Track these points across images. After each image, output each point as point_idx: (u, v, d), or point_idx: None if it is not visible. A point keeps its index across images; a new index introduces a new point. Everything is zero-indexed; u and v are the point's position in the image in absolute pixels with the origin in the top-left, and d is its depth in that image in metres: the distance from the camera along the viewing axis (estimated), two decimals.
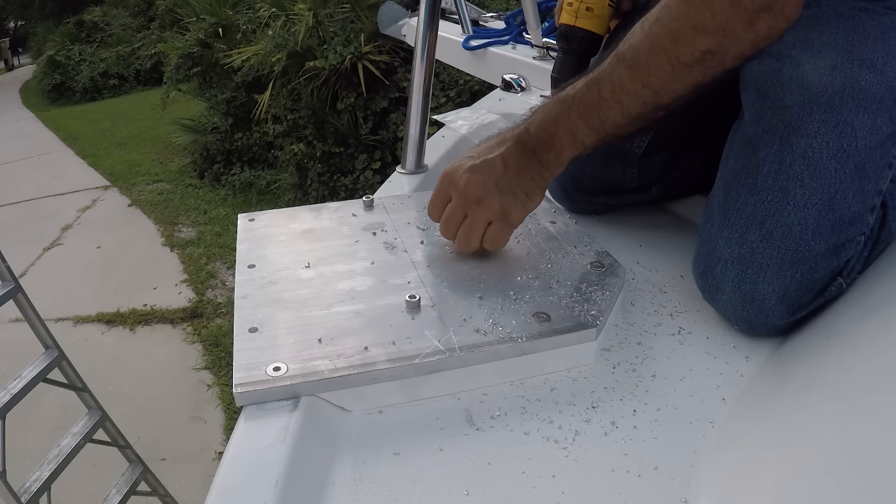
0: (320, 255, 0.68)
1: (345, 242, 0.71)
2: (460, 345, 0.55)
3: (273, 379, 0.51)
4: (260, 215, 0.77)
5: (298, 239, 0.72)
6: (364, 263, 0.67)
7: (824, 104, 0.57)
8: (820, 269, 0.58)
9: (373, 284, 0.63)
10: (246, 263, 0.67)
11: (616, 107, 0.61)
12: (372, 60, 4.12)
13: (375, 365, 0.53)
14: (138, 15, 10.80)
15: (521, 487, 0.47)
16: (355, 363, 0.53)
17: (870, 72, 0.57)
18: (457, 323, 0.57)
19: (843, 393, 0.48)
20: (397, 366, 0.53)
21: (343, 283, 0.63)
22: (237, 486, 0.45)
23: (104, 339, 3.37)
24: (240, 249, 0.70)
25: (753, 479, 0.45)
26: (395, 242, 0.71)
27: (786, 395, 0.52)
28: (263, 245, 0.70)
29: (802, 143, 0.57)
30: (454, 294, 0.61)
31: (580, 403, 0.55)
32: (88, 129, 7.78)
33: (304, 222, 0.75)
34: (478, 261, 0.67)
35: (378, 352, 0.54)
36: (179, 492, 2.19)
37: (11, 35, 16.91)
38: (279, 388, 0.51)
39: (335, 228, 0.74)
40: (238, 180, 5.33)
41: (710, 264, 0.62)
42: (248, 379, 0.51)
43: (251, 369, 0.52)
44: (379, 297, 0.61)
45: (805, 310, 0.60)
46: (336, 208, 0.79)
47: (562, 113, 0.63)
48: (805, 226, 0.57)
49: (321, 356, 0.53)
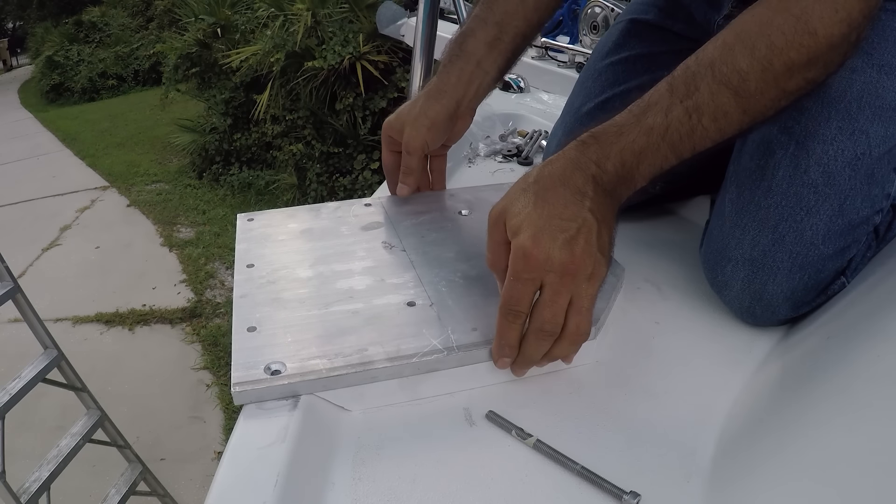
0: (319, 255, 0.68)
1: (343, 242, 0.71)
2: (458, 344, 0.55)
3: (271, 378, 0.51)
4: (259, 215, 0.77)
5: (297, 238, 0.72)
6: (363, 263, 0.67)
7: (842, 110, 0.57)
8: (826, 270, 0.59)
9: (371, 284, 0.63)
10: (245, 263, 0.67)
11: (714, 136, 0.54)
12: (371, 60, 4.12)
13: (374, 364, 0.53)
14: (137, 15, 10.78)
15: (521, 487, 0.47)
16: (353, 362, 0.53)
17: (888, 78, 0.58)
18: (455, 322, 0.57)
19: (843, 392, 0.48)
20: (395, 365, 0.53)
21: (341, 282, 0.63)
22: (237, 485, 0.45)
23: (103, 340, 3.36)
24: (238, 249, 0.70)
25: (753, 479, 0.45)
26: (393, 242, 0.71)
27: (786, 394, 0.52)
28: (262, 245, 0.70)
29: (819, 150, 0.58)
30: (452, 294, 0.61)
31: (579, 403, 0.55)
32: (87, 129, 7.77)
33: (302, 222, 0.75)
34: (478, 260, 0.67)
35: (376, 351, 0.54)
36: (179, 492, 2.19)
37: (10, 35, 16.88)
38: (277, 386, 0.51)
39: (334, 228, 0.74)
40: (237, 180, 5.32)
41: (721, 262, 0.63)
42: (246, 378, 0.51)
43: (249, 368, 0.52)
44: (377, 296, 0.61)
45: (808, 307, 0.61)
46: (335, 208, 0.79)
47: (649, 146, 0.53)
48: (816, 231, 0.58)
49: (319, 355, 0.53)
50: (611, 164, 0.53)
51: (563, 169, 0.52)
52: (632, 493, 0.45)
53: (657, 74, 0.82)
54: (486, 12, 0.75)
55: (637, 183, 0.54)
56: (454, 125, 0.75)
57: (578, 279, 0.51)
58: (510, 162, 1.10)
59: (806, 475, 0.43)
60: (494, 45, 0.74)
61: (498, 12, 0.75)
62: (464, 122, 0.76)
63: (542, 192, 0.51)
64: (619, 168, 0.53)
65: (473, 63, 0.74)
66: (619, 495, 0.45)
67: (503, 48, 0.74)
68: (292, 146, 4.54)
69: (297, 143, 4.55)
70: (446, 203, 0.79)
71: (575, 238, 0.50)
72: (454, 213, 0.76)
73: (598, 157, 0.53)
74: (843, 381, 0.48)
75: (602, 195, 0.52)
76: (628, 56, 0.85)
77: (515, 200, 0.52)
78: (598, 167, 0.52)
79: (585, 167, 0.52)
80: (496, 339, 0.53)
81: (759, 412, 0.52)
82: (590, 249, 0.50)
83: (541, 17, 0.76)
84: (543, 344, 0.53)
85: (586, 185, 0.52)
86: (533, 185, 0.52)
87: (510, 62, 0.76)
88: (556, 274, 0.50)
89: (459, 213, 0.76)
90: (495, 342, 0.53)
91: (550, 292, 0.51)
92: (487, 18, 0.75)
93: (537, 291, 0.51)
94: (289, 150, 4.56)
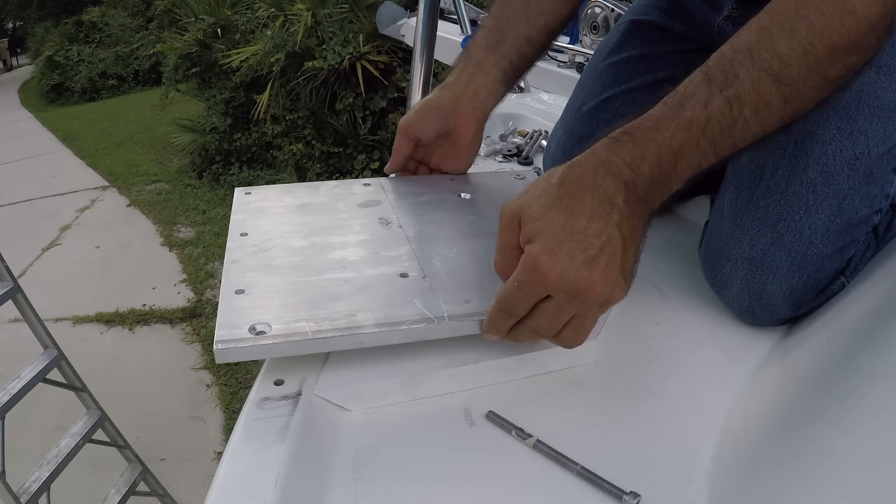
0: (314, 227, 0.67)
1: (340, 217, 0.70)
2: (449, 314, 0.54)
3: (255, 337, 0.51)
4: (257, 189, 0.76)
5: (294, 212, 0.71)
6: (357, 236, 0.66)
7: (841, 110, 0.57)
8: (825, 269, 0.59)
9: (365, 255, 0.62)
10: (238, 232, 0.66)
11: (755, 129, 0.49)
12: (371, 60, 4.12)
13: (361, 329, 0.52)
14: (137, 15, 10.78)
15: (521, 487, 0.47)
16: (340, 326, 0.52)
17: (886, 79, 0.58)
18: (448, 294, 0.56)
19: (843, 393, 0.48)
20: (383, 331, 0.52)
21: (335, 252, 0.62)
22: (237, 485, 0.45)
23: (103, 339, 3.36)
24: (234, 219, 0.69)
25: (753, 479, 0.45)
26: (390, 218, 0.70)
27: (786, 394, 0.52)
28: (258, 216, 0.69)
29: (817, 149, 0.58)
30: (447, 267, 0.61)
31: (579, 402, 0.55)
32: (87, 129, 7.77)
33: (300, 197, 0.74)
34: (475, 239, 0.66)
35: (365, 317, 0.53)
36: (179, 492, 2.19)
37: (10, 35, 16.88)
38: (261, 346, 0.50)
39: (331, 204, 0.73)
40: (237, 180, 5.32)
41: (720, 261, 0.63)
42: (229, 336, 0.51)
43: (234, 328, 0.51)
44: (370, 267, 0.60)
45: (808, 307, 0.61)
46: (334, 185, 0.78)
47: (688, 141, 0.48)
48: (815, 230, 0.58)
49: (306, 318, 0.53)
50: (647, 164, 0.48)
51: (593, 172, 0.47)
52: (632, 494, 0.45)
53: (658, 74, 0.83)
54: (491, 21, 0.77)
55: (673, 185, 0.49)
56: (455, 125, 0.75)
57: (589, 303, 0.47)
58: (510, 162, 1.10)
59: (806, 475, 0.43)
60: (496, 47, 0.75)
61: (501, 19, 0.76)
62: (467, 123, 0.75)
63: (567, 199, 0.46)
64: (654, 169, 0.48)
65: (474, 64, 0.75)
66: (619, 495, 0.45)
67: (505, 50, 0.75)
68: (292, 146, 4.54)
69: (297, 142, 4.55)
70: (446, 186, 0.78)
71: (596, 259, 0.45)
72: (454, 196, 0.75)
73: (633, 157, 0.48)
74: (843, 381, 0.48)
75: (633, 204, 0.47)
76: (629, 56, 0.85)
77: (534, 201, 0.47)
78: (632, 170, 0.48)
79: (618, 171, 0.47)
80: (486, 319, 0.51)
81: (758, 412, 0.52)
82: (610, 274, 0.46)
83: (547, 22, 0.76)
84: (534, 338, 0.51)
85: (617, 194, 0.47)
86: (556, 188, 0.47)
87: (514, 65, 0.76)
88: (567, 294, 0.46)
89: (459, 196, 0.75)
90: (485, 322, 0.52)
91: (555, 307, 0.48)
92: (491, 25, 0.77)
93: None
94: (289, 149, 4.56)
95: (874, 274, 0.61)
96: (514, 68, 0.76)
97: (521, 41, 0.75)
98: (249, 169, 5.43)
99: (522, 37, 0.75)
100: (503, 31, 0.75)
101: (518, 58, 0.76)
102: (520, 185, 0.80)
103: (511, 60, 0.76)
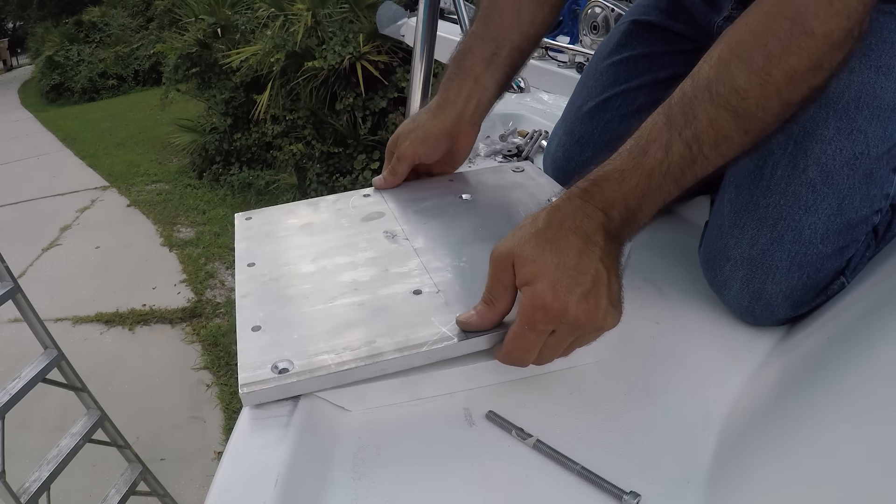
0: (320, 249, 0.67)
1: (345, 234, 0.70)
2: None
3: (279, 377, 0.51)
4: (257, 213, 0.76)
5: (297, 234, 0.71)
6: (365, 254, 0.66)
7: (840, 111, 0.57)
8: (825, 269, 0.59)
9: (375, 274, 0.62)
10: (245, 262, 0.66)
11: (716, 162, 0.52)
12: (371, 60, 4.12)
13: (383, 356, 0.52)
14: (137, 15, 10.78)
15: (521, 487, 0.47)
16: (361, 355, 0.52)
17: (885, 79, 0.58)
18: (464, 307, 0.56)
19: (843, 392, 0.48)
20: (405, 356, 0.52)
21: (345, 275, 0.62)
22: (237, 485, 0.45)
23: (103, 339, 3.36)
24: (238, 248, 0.69)
25: (753, 479, 0.45)
26: (395, 230, 0.70)
27: (786, 394, 0.52)
28: (262, 243, 0.70)
29: (817, 149, 0.58)
30: (459, 279, 0.60)
31: (579, 402, 0.55)
32: (87, 129, 7.77)
33: (302, 217, 0.74)
34: (483, 243, 0.66)
35: (384, 342, 0.53)
36: (179, 492, 2.19)
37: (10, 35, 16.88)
38: (286, 385, 0.50)
39: (334, 221, 0.73)
40: (237, 180, 5.32)
41: (720, 262, 0.63)
42: (253, 378, 0.51)
43: (256, 368, 0.51)
44: (382, 286, 0.60)
45: (808, 307, 0.61)
46: (334, 200, 0.78)
47: (651, 186, 0.52)
48: (815, 230, 0.58)
49: (327, 350, 0.53)
50: (616, 211, 0.52)
51: (572, 216, 0.51)
52: (632, 494, 0.45)
53: (658, 74, 0.83)
54: (483, 28, 0.76)
55: (641, 222, 0.53)
56: (456, 142, 0.76)
57: (585, 330, 0.52)
58: (510, 162, 1.10)
59: (806, 475, 0.43)
60: (492, 60, 0.75)
61: (493, 28, 0.75)
62: (467, 138, 0.76)
63: (555, 241, 0.50)
64: (623, 214, 0.52)
65: (472, 80, 0.74)
66: (619, 495, 0.45)
67: (500, 63, 0.75)
68: (292, 146, 4.54)
69: (297, 143, 4.55)
70: (446, 188, 0.78)
71: (590, 292, 0.50)
72: (455, 198, 0.75)
73: (604, 206, 0.52)
74: (843, 381, 0.48)
75: (610, 241, 0.52)
76: (630, 56, 0.85)
77: (525, 244, 0.51)
78: (605, 214, 0.52)
79: (593, 215, 0.52)
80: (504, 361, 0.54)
81: (758, 412, 0.52)
82: (601, 303, 0.50)
83: (537, 31, 0.77)
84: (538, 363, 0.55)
85: (596, 234, 0.51)
86: (544, 231, 0.51)
87: (509, 77, 0.77)
88: (568, 326, 0.51)
89: (460, 198, 0.75)
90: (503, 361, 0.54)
91: (556, 340, 0.52)
92: (484, 35, 0.75)
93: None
94: (289, 150, 4.56)
95: (874, 274, 0.61)
96: (506, 79, 0.77)
97: (515, 53, 0.76)
98: (249, 169, 5.42)
99: (516, 48, 0.75)
100: (497, 41, 0.75)
101: (511, 69, 0.77)
102: (518, 177, 0.80)
103: (506, 73, 0.76)
